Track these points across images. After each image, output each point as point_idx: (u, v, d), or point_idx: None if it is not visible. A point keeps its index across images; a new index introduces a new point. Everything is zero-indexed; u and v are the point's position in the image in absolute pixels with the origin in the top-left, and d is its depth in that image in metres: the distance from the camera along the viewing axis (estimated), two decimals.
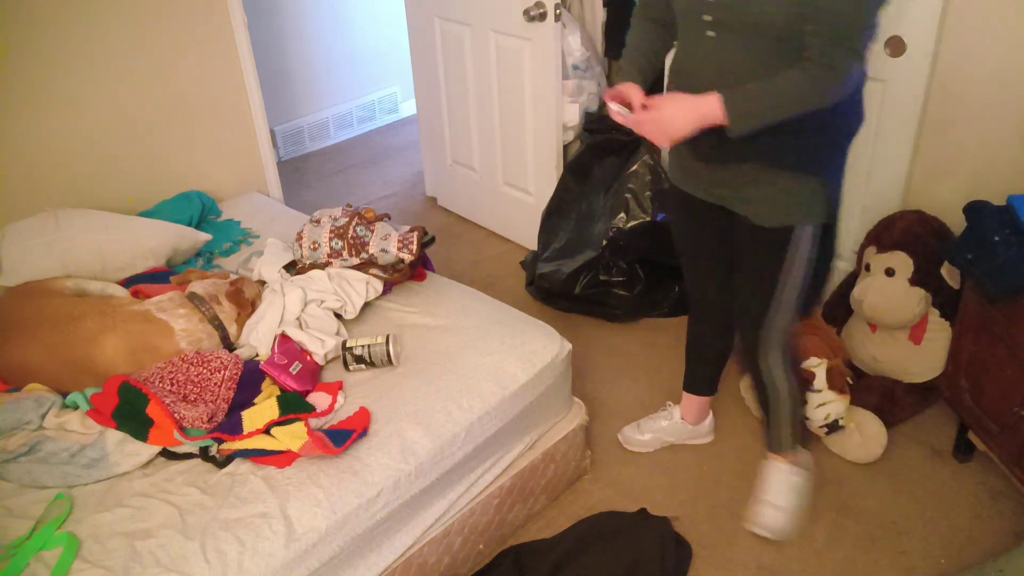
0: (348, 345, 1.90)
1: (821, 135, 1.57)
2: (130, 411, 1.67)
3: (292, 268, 2.19)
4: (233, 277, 2.08)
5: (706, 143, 1.57)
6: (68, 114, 2.47)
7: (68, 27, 2.39)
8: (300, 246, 2.14)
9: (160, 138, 2.71)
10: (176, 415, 1.67)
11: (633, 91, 1.61)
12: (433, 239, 2.24)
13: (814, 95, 1.47)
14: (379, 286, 2.12)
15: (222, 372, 1.78)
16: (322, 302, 2.03)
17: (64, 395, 1.79)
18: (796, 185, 1.61)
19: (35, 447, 1.65)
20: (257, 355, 1.93)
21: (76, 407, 1.75)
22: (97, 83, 2.50)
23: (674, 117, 1.52)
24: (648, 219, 2.83)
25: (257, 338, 1.94)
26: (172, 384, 1.76)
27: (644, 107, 1.58)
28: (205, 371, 1.77)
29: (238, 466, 1.63)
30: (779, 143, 1.55)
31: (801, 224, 1.64)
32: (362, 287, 2.09)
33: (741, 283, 1.83)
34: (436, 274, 2.31)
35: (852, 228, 2.70)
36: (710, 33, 1.54)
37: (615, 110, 1.61)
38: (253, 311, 1.99)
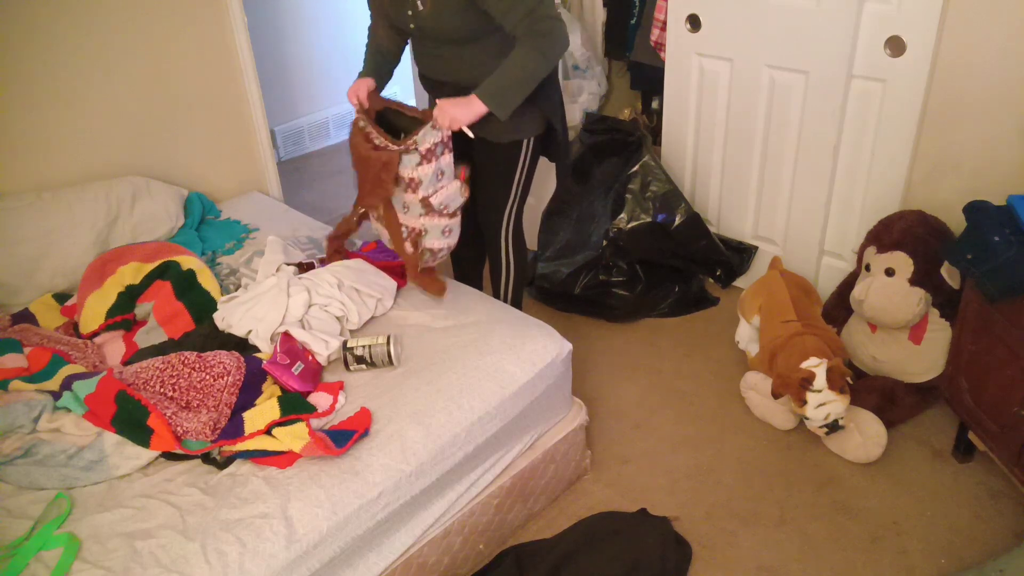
0: (349, 345, 1.90)
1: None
2: (129, 419, 1.66)
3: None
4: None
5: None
6: (68, 114, 2.47)
7: (68, 27, 2.39)
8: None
9: (160, 138, 2.71)
10: (179, 428, 1.66)
11: (364, 85, 2.06)
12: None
13: (540, 61, 1.84)
14: (388, 303, 2.12)
15: (225, 378, 1.77)
16: (326, 306, 2.03)
17: (56, 396, 1.78)
18: (521, 113, 1.99)
19: (31, 450, 1.64)
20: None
21: (68, 410, 1.73)
22: (97, 83, 2.50)
23: (457, 114, 1.88)
24: (648, 219, 2.83)
25: (257, 337, 1.94)
26: (174, 390, 1.75)
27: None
28: (208, 376, 1.77)
29: (239, 467, 1.63)
30: None
31: (525, 136, 2.12)
32: (372, 302, 2.09)
33: (484, 187, 2.23)
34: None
35: (852, 228, 2.70)
36: (429, 44, 2.01)
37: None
38: None
